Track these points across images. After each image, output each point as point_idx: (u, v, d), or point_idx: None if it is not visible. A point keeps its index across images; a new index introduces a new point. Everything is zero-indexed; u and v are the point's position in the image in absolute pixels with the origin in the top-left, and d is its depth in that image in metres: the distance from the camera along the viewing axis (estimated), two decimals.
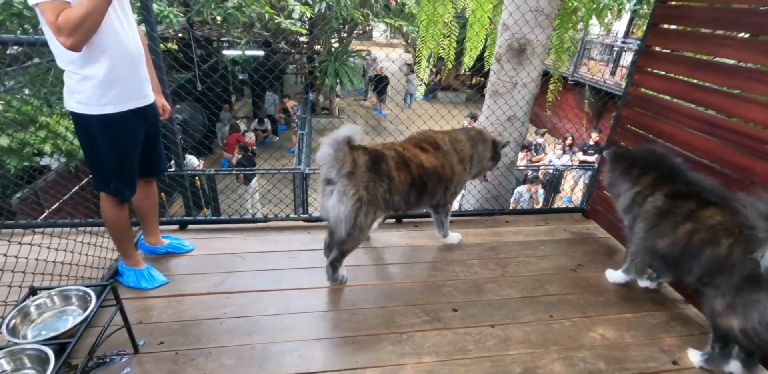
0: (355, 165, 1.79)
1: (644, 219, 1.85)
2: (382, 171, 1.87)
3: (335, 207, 1.81)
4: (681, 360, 1.72)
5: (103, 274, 1.96)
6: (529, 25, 2.60)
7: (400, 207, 2.05)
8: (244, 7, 7.01)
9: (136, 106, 1.68)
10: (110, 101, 1.58)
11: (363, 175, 1.82)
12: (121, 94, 1.60)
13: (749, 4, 1.86)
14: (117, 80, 1.57)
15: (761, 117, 1.77)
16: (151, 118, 1.80)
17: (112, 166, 1.67)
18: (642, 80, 2.43)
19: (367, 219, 1.86)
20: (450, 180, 2.18)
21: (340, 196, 1.79)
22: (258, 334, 1.72)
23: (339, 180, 1.78)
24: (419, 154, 2.05)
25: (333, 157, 1.74)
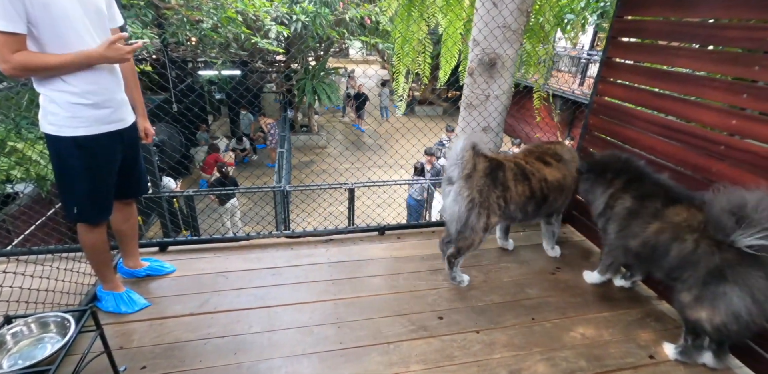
0: (475, 169, 1.97)
1: (615, 220, 1.94)
2: (498, 179, 2.03)
3: (451, 206, 2.01)
4: (657, 354, 1.78)
5: (80, 300, 1.92)
6: (498, 40, 2.71)
7: (516, 216, 2.18)
8: (220, 28, 7.07)
9: (111, 130, 1.66)
10: (83, 124, 1.57)
11: (479, 180, 1.99)
12: (95, 116, 1.59)
13: (699, 17, 2.02)
14: (91, 103, 1.57)
15: (715, 121, 1.90)
16: (128, 140, 1.78)
17: (84, 189, 1.65)
18: (606, 90, 2.57)
19: (479, 220, 2.00)
20: (570, 188, 2.27)
21: (455, 196, 1.98)
22: (244, 353, 1.70)
23: (457, 181, 1.98)
24: (542, 168, 2.17)
25: (459, 156, 1.93)
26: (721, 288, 1.51)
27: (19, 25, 1.36)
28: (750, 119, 1.74)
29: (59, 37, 1.45)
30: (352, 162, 10.16)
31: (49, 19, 1.41)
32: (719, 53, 1.93)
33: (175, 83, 9.01)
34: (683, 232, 1.64)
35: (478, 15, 2.69)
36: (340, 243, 2.59)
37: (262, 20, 7.14)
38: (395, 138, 3.27)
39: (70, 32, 1.47)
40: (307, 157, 11.10)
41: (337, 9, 8.32)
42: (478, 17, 2.70)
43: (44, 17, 1.40)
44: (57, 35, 1.45)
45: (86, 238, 1.76)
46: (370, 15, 8.52)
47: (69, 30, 1.46)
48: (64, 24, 1.45)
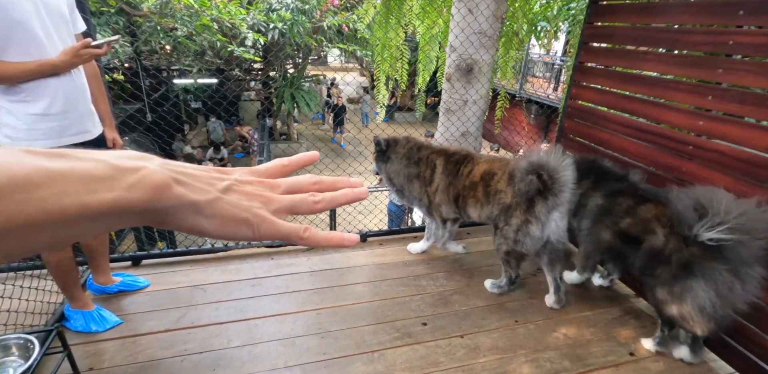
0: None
1: (588, 216, 2.01)
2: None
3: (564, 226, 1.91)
4: (637, 350, 1.81)
5: (47, 320, 1.82)
6: (474, 46, 2.75)
7: None
8: (195, 36, 6.98)
9: (74, 142, 1.58)
10: (42, 136, 1.49)
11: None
12: (56, 128, 1.52)
13: (663, 23, 2.09)
14: (52, 114, 1.50)
15: (683, 122, 1.96)
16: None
17: None
18: (579, 93, 2.63)
19: None
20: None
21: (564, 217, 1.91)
22: (223, 368, 1.64)
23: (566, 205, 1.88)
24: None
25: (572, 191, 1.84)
26: (689, 283, 1.55)
27: None
28: (716, 120, 1.81)
29: (17, 44, 1.38)
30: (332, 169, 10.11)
31: (7, 23, 1.34)
32: (684, 57, 2.00)
33: (149, 92, 8.83)
34: (654, 228, 1.70)
35: (454, 21, 2.73)
36: (321, 252, 2.55)
37: (239, 28, 7.08)
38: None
39: (29, 39, 1.40)
40: None
41: (315, 17, 8.32)
42: (454, 23, 2.73)
43: (2, 22, 1.33)
44: (15, 41, 1.38)
45: (48, 255, 1.67)
46: (347, 23, 8.55)
47: (29, 36, 1.39)
48: (24, 30, 1.38)
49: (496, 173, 2.03)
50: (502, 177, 2.00)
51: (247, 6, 7.66)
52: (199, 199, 0.33)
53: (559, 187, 1.78)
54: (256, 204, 0.36)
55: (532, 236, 1.89)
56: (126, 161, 0.30)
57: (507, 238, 1.96)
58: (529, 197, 1.83)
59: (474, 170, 2.10)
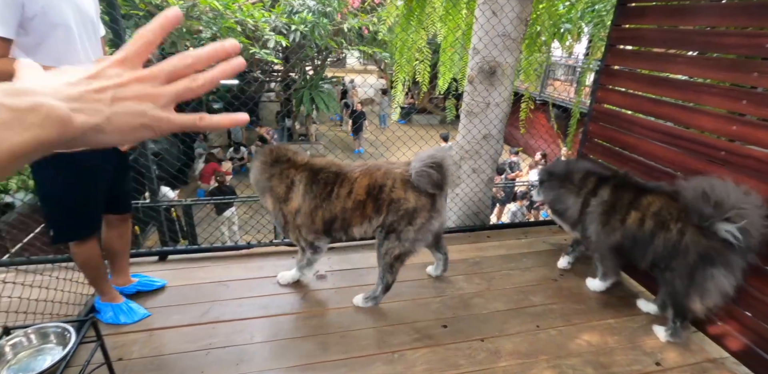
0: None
1: (593, 220, 2.02)
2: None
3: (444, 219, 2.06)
4: (663, 360, 1.77)
5: (80, 311, 1.89)
6: (498, 48, 2.74)
7: None
8: (219, 38, 7.13)
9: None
10: None
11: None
12: None
13: (693, 25, 2.05)
14: None
15: (714, 126, 1.91)
16: (117, 154, 1.74)
17: (72, 204, 1.60)
18: (604, 97, 2.59)
19: None
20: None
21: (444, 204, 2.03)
22: (246, 363, 1.68)
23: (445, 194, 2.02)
24: None
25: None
26: (709, 272, 1.66)
27: (11, 30, 1.30)
28: (750, 125, 1.76)
29: (53, 45, 1.39)
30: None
31: (45, 26, 1.35)
32: (717, 60, 1.95)
33: None
34: (667, 222, 1.77)
35: (478, 24, 2.72)
36: (341, 252, 2.58)
37: (261, 30, 7.21)
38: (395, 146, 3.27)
39: (64, 41, 1.41)
40: None
41: (336, 19, 8.40)
42: (478, 26, 2.73)
43: (41, 24, 1.35)
44: (51, 43, 1.39)
45: (78, 254, 1.71)
46: (368, 25, 8.61)
47: (65, 39, 1.41)
48: (62, 32, 1.39)
49: (385, 184, 1.90)
50: (394, 185, 1.89)
51: (269, 9, 7.79)
52: (98, 122, 0.36)
53: (449, 177, 1.88)
54: (147, 106, 0.38)
55: (431, 231, 1.97)
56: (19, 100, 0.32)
57: (405, 240, 1.92)
58: (438, 189, 1.88)
59: (355, 189, 1.91)
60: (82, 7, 1.49)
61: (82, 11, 1.48)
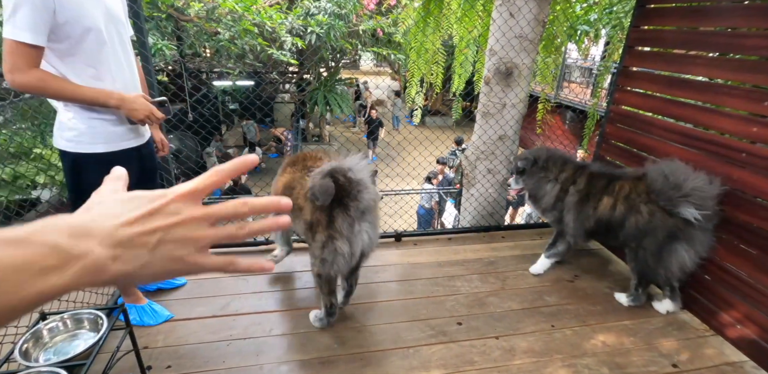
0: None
1: (570, 208, 2.15)
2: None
3: (376, 236, 1.72)
4: (680, 363, 1.76)
5: (107, 300, 1.96)
6: (515, 49, 2.76)
7: None
8: (237, 40, 7.26)
9: (130, 146, 1.63)
10: (103, 140, 1.53)
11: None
12: (116, 132, 1.56)
13: (714, 26, 2.04)
14: (112, 119, 1.54)
15: (735, 128, 1.90)
16: (148, 156, 1.76)
17: None
18: (622, 98, 2.58)
19: None
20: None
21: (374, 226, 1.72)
22: (265, 355, 1.72)
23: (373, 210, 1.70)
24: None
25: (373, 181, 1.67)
26: (673, 246, 1.89)
27: (42, 37, 1.29)
28: None
29: (87, 50, 1.41)
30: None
31: (78, 31, 1.36)
32: (738, 61, 1.94)
33: (191, 93, 9.23)
34: (637, 205, 1.95)
35: (495, 25, 2.74)
36: None
37: (278, 32, 7.31)
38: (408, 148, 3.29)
39: (94, 46, 1.42)
40: None
41: (351, 21, 8.48)
42: (495, 27, 2.75)
43: (73, 30, 1.35)
44: (85, 47, 1.40)
45: None
46: (382, 27, 8.67)
47: (98, 43, 1.42)
48: (94, 36, 1.41)
49: (296, 186, 1.73)
50: (300, 191, 1.69)
51: (286, 11, 7.90)
52: (132, 269, 0.37)
53: (357, 188, 1.55)
54: (187, 250, 0.39)
55: (340, 254, 1.62)
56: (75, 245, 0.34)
57: (314, 257, 1.70)
58: (324, 203, 1.54)
59: (277, 183, 1.79)
60: (111, 10, 1.49)
61: (112, 14, 1.49)
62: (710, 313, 1.98)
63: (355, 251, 1.65)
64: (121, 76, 1.55)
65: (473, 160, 3.09)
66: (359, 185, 1.57)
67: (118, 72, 1.53)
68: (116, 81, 1.53)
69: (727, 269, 1.89)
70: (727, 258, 1.90)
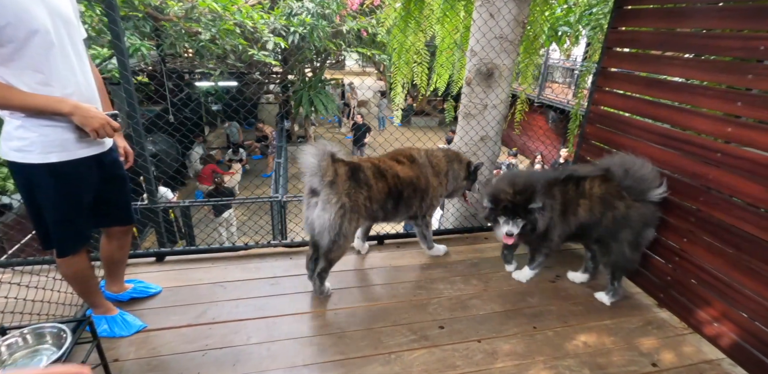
0: (337, 174, 1.90)
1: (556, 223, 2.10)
2: (361, 179, 1.98)
3: (320, 215, 1.89)
4: (660, 361, 1.77)
5: (76, 311, 1.88)
6: (495, 50, 2.76)
7: (378, 215, 2.16)
8: (218, 40, 7.14)
9: (88, 154, 1.51)
10: (57, 148, 1.42)
11: (344, 183, 1.92)
12: (71, 139, 1.44)
13: (690, 28, 2.06)
14: (67, 125, 1.41)
15: (710, 128, 1.92)
16: (110, 164, 1.63)
17: (56, 219, 1.50)
18: (601, 99, 2.60)
19: (351, 225, 1.95)
20: (425, 191, 2.28)
21: (324, 205, 1.88)
22: (243, 364, 1.67)
23: (322, 189, 1.88)
24: (395, 166, 2.18)
25: (317, 166, 1.84)
26: (646, 233, 2.03)
27: None
28: (745, 126, 1.77)
29: (28, 56, 1.30)
30: None
31: (21, 34, 1.26)
32: (713, 62, 1.97)
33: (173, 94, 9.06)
34: (612, 201, 2.02)
35: (475, 25, 2.73)
36: None
37: (260, 32, 7.22)
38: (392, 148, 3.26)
39: (40, 49, 1.31)
40: None
41: (335, 21, 8.43)
42: (475, 28, 2.74)
43: (15, 32, 1.25)
44: (31, 50, 1.30)
45: (66, 269, 1.61)
46: (366, 27, 8.63)
47: (40, 46, 1.31)
48: (37, 40, 1.30)
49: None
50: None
51: (268, 11, 7.81)
52: None
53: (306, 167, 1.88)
54: None
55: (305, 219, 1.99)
56: None
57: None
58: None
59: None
60: (58, 10, 1.37)
61: (59, 14, 1.38)
62: (688, 311, 2.00)
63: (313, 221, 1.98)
64: (73, 81, 1.43)
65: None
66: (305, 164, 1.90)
67: (70, 77, 1.42)
68: (67, 87, 1.41)
69: (704, 268, 1.91)
70: (705, 257, 1.92)
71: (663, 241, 2.13)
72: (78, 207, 1.55)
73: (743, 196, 1.76)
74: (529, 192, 1.96)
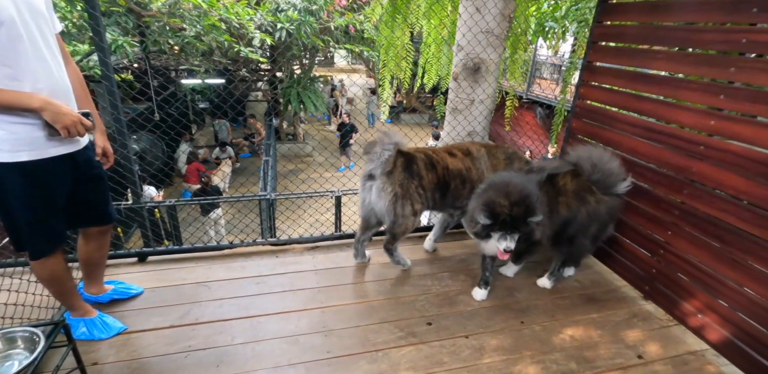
0: (395, 166, 2.09)
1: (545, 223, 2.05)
2: (414, 171, 2.14)
3: (377, 202, 2.12)
4: (645, 353, 1.79)
5: (53, 314, 1.83)
6: (482, 45, 2.74)
7: (429, 203, 2.26)
8: (203, 36, 7.02)
9: (61, 153, 1.45)
10: (27, 147, 1.36)
11: (399, 175, 2.10)
12: (42, 137, 1.38)
13: (673, 21, 2.06)
14: (37, 122, 1.36)
15: (694, 121, 1.93)
16: (85, 163, 1.57)
17: (28, 220, 1.45)
18: (587, 93, 2.60)
19: (405, 208, 2.11)
20: (474, 183, 2.30)
21: (379, 192, 2.10)
22: (227, 365, 1.64)
23: (379, 177, 2.09)
24: (446, 158, 2.29)
25: (382, 156, 2.05)
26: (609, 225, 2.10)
27: None
28: (728, 119, 1.77)
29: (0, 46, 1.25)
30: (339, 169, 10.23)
31: None
32: (696, 56, 1.97)
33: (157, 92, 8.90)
34: (585, 197, 2.02)
35: (461, 20, 2.71)
36: (326, 251, 2.55)
37: (246, 28, 7.12)
38: None
39: (6, 41, 1.26)
40: (294, 165, 11.02)
41: (322, 17, 8.34)
42: (461, 22, 2.72)
43: None
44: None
45: (41, 271, 1.56)
46: (354, 23, 8.57)
47: (6, 38, 1.25)
48: (2, 32, 1.24)
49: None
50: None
51: (254, 6, 7.70)
52: None
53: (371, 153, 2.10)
54: None
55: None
56: None
57: None
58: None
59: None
60: (27, 0, 1.32)
61: (29, 5, 1.32)
62: (673, 303, 2.02)
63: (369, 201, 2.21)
64: (45, 75, 1.37)
65: None
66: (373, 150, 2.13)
67: (41, 71, 1.36)
68: (39, 81, 1.35)
69: (689, 260, 1.92)
70: (689, 249, 1.93)
71: (648, 234, 2.14)
72: (51, 207, 1.49)
73: (726, 189, 1.77)
74: (528, 204, 1.77)
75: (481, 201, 1.82)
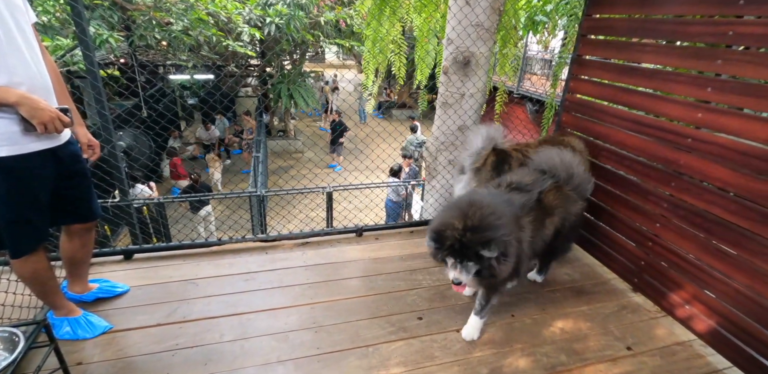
0: (485, 163, 2.13)
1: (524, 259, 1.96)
2: (504, 171, 2.16)
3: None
4: (634, 345, 1.80)
5: (35, 314, 1.79)
6: (471, 38, 2.72)
7: None
8: (190, 30, 6.90)
9: (40, 148, 1.42)
10: (6, 142, 1.32)
11: (488, 173, 2.14)
12: (18, 133, 1.34)
13: (661, 14, 2.06)
14: (14, 117, 1.32)
15: (682, 114, 1.93)
16: (67, 159, 1.53)
17: (8, 218, 1.41)
18: (577, 87, 2.60)
19: None
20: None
21: (464, 186, 2.19)
22: (215, 363, 1.62)
23: (468, 171, 2.15)
24: None
25: (477, 151, 2.09)
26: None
27: None
28: (715, 112, 1.78)
29: None
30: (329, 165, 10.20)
31: None
32: (683, 48, 1.97)
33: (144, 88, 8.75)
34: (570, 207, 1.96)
35: (451, 13, 2.69)
36: (316, 246, 2.53)
37: (235, 22, 7.01)
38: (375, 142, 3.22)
39: None
40: (285, 161, 10.94)
41: (312, 12, 8.25)
42: (451, 15, 2.69)
43: None
44: None
45: (22, 270, 1.52)
46: (345, 18, 8.48)
47: None
48: None
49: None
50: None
51: (243, 0, 7.59)
52: None
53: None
54: None
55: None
56: None
57: None
58: None
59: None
60: None
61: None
62: (661, 295, 2.03)
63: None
64: (22, 68, 1.33)
65: (434, 152, 3.05)
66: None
67: (18, 65, 1.31)
68: (15, 74, 1.30)
69: (676, 251, 1.94)
70: (677, 241, 1.94)
71: (636, 227, 2.15)
72: (32, 204, 1.45)
73: (713, 181, 1.78)
74: (485, 233, 1.43)
75: (434, 221, 1.56)
